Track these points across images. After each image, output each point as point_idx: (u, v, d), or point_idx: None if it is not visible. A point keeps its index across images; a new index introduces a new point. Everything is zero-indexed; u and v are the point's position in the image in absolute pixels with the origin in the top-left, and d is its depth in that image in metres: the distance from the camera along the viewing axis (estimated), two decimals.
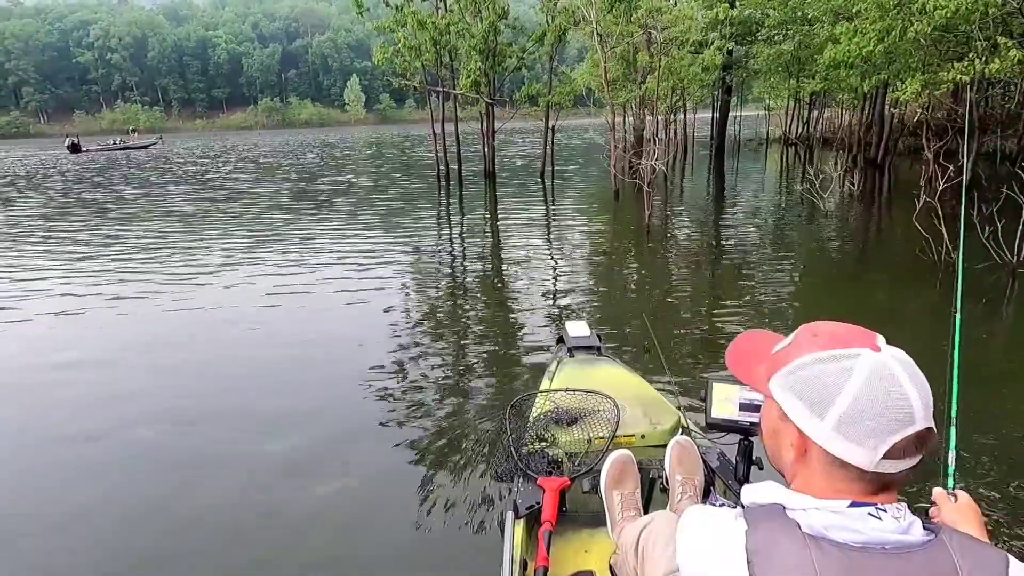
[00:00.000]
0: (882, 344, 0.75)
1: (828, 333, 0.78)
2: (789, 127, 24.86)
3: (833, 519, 0.72)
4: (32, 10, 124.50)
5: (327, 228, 9.89)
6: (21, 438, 3.63)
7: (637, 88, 14.81)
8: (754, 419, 1.54)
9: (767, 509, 0.76)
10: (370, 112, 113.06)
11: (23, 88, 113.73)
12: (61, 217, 12.29)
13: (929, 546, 0.71)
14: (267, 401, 3.87)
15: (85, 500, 2.95)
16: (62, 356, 4.73)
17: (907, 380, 0.71)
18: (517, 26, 15.21)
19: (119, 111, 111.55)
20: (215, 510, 2.83)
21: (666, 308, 5.48)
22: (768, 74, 22.40)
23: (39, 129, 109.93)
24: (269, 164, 25.53)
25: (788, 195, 12.90)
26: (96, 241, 9.36)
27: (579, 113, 16.70)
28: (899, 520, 0.72)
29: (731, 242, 8.04)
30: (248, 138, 62.51)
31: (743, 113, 31.02)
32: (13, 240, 9.77)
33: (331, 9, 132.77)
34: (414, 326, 5.18)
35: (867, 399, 0.71)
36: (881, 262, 7.19)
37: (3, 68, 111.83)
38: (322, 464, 3.12)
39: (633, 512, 1.64)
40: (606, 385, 2.31)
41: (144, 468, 3.21)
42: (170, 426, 3.62)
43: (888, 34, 10.16)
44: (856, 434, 0.72)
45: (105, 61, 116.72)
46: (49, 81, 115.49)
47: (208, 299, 6.14)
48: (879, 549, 0.70)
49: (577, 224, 9.98)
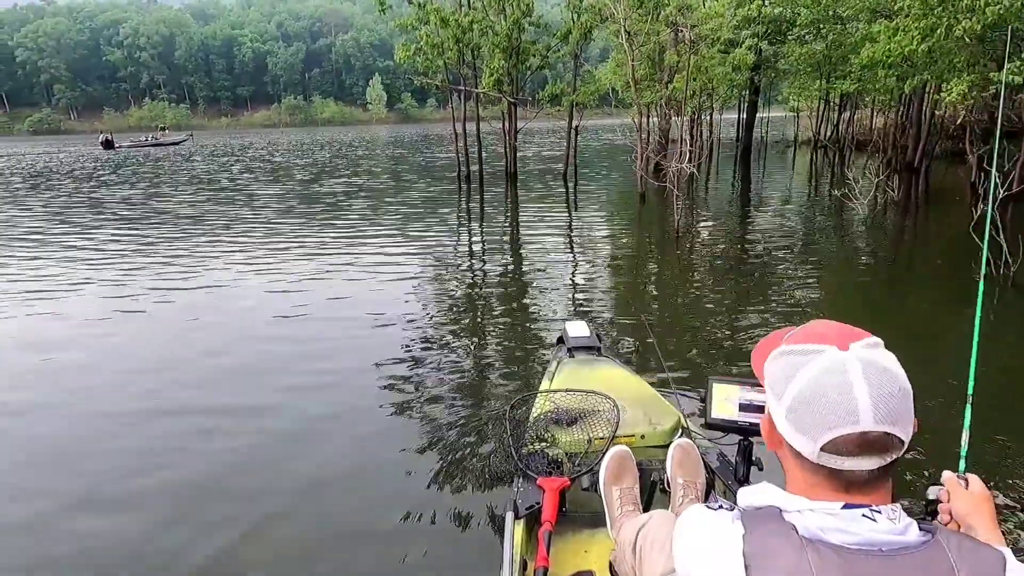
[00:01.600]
0: (858, 345, 0.74)
1: (814, 329, 0.79)
2: (819, 129, 24.17)
3: (828, 521, 0.72)
4: (64, 9, 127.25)
5: (344, 231, 9.68)
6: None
7: (663, 88, 14.43)
8: (754, 419, 1.55)
9: (764, 512, 0.77)
10: (391, 111, 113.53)
11: (55, 85, 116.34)
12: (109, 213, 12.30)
13: (925, 547, 0.71)
14: (267, 400, 3.87)
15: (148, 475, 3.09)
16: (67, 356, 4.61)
17: (860, 380, 0.71)
18: (541, 24, 14.90)
19: (147, 108, 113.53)
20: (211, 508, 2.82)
21: (692, 316, 5.19)
22: (797, 74, 21.84)
23: (70, 126, 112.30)
24: (280, 164, 25.52)
25: (819, 200, 12.42)
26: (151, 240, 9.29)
27: (599, 113, 16.35)
28: (894, 522, 0.72)
29: (759, 248, 7.66)
30: (271, 136, 62.96)
31: (770, 114, 30.34)
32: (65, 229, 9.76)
33: (355, 8, 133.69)
34: (425, 329, 5.05)
35: (811, 391, 0.73)
36: (923, 274, 6.78)
37: (36, 66, 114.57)
38: (322, 463, 3.11)
39: (632, 507, 1.64)
40: (606, 385, 2.30)
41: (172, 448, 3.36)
42: (193, 415, 3.74)
43: (932, 32, 9.67)
44: (800, 423, 0.74)
45: (134, 59, 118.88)
46: (80, 79, 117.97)
47: (227, 284, 6.49)
48: (876, 551, 0.70)
49: (602, 227, 9.65)
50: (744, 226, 9.48)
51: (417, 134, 54.56)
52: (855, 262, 7.20)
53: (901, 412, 0.72)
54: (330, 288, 6.30)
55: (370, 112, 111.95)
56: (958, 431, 1.21)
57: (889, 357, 0.75)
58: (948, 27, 9.38)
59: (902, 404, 0.72)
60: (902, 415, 0.72)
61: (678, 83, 12.90)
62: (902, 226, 9.40)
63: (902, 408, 0.72)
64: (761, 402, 1.29)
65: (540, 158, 23.15)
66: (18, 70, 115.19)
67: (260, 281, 6.68)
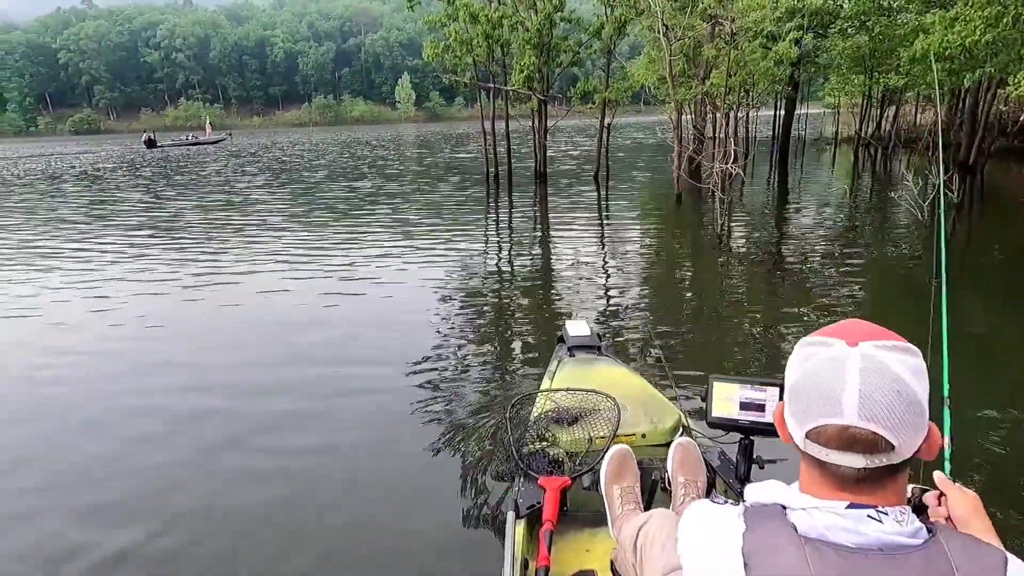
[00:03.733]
0: (869, 344, 0.73)
1: (841, 325, 0.78)
2: (862, 126, 23.17)
3: (833, 520, 0.72)
4: (105, 12, 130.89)
5: (367, 236, 9.40)
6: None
7: (700, 84, 13.84)
8: (754, 418, 1.56)
9: (767, 510, 0.77)
10: (420, 109, 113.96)
11: (95, 86, 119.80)
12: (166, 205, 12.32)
13: (925, 547, 0.70)
14: (269, 400, 3.92)
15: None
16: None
17: (854, 375, 0.71)
18: (573, 19, 14.45)
19: (182, 108, 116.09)
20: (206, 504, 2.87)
21: (737, 327, 4.79)
22: (838, 69, 20.92)
23: (109, 126, 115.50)
24: (292, 165, 25.53)
25: (864, 201, 11.74)
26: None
27: (627, 111, 15.86)
28: (902, 524, 0.71)
29: (803, 250, 7.13)
30: (300, 135, 63.61)
31: (808, 111, 29.29)
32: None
33: (384, 8, 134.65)
34: (445, 331, 4.97)
35: (807, 379, 0.75)
36: (980, 278, 6.19)
37: (77, 68, 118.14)
38: (321, 463, 3.11)
39: (632, 506, 1.63)
40: (606, 385, 2.29)
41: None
42: (216, 397, 3.99)
43: (998, 21, 8.97)
44: (794, 408, 0.77)
45: (170, 60, 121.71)
46: (119, 79, 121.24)
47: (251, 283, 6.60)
48: (876, 551, 0.69)
49: (637, 231, 9.19)
50: (785, 228, 8.90)
51: (444, 133, 54.63)
52: (902, 266, 6.66)
53: (893, 414, 0.70)
54: (351, 292, 6.26)
55: (399, 111, 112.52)
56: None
57: (904, 362, 0.72)
58: (1016, 15, 8.69)
59: (896, 407, 0.70)
60: (894, 418, 0.70)
61: (716, 79, 12.29)
62: (956, 229, 8.73)
63: (895, 411, 0.70)
64: (761, 401, 1.43)
65: (568, 157, 22.68)
66: (60, 72, 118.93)
67: (271, 280, 6.65)
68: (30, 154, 42.74)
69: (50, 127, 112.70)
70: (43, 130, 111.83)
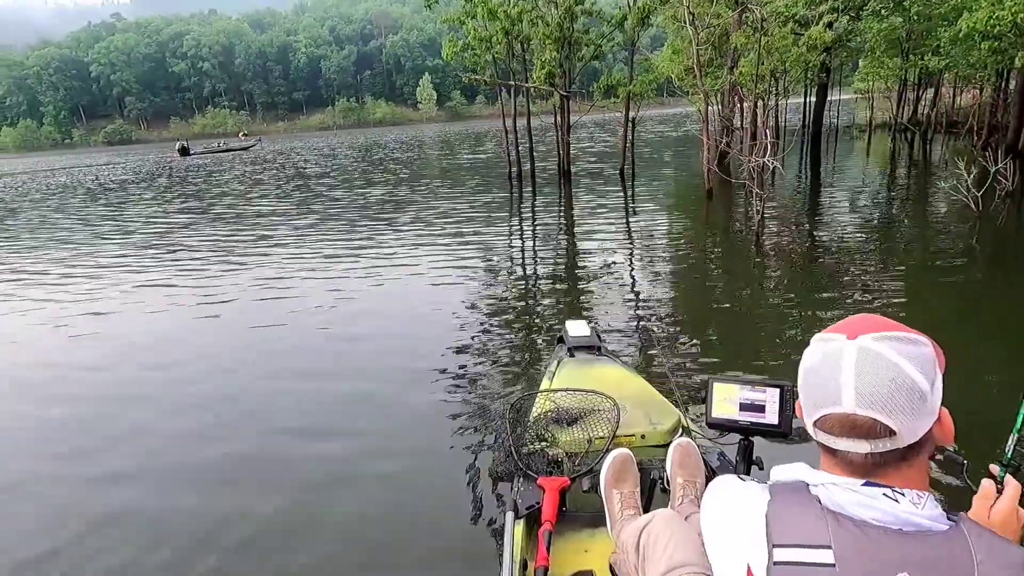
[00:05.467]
0: (868, 336, 0.77)
1: (847, 320, 0.83)
2: (898, 111, 22.25)
3: (850, 496, 0.75)
4: (133, 24, 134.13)
5: (389, 239, 9.20)
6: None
7: (727, 74, 13.33)
8: (754, 419, 1.58)
9: (791, 485, 0.81)
10: (441, 109, 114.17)
11: (126, 98, 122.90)
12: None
13: (946, 532, 0.72)
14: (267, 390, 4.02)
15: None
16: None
17: (851, 366, 0.76)
18: (594, 11, 14.04)
19: (209, 116, 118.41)
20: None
21: (780, 332, 4.35)
22: (873, 52, 20.09)
23: (140, 136, 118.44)
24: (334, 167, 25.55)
25: (903, 189, 11.14)
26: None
27: (648, 103, 15.39)
28: (918, 507, 0.73)
29: (842, 250, 6.67)
30: (326, 139, 64.19)
31: (840, 96, 28.32)
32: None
33: (404, 9, 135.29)
34: (454, 333, 4.87)
35: (810, 373, 0.81)
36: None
37: (108, 80, 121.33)
38: (320, 463, 3.11)
39: (632, 511, 1.64)
40: (606, 385, 2.29)
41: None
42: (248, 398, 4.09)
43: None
44: (803, 399, 0.82)
45: (197, 69, 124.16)
46: (148, 90, 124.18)
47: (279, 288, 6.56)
48: (896, 530, 0.72)
49: (666, 230, 8.80)
50: (822, 222, 8.40)
51: (464, 131, 54.56)
52: (950, 259, 6.17)
53: (891, 401, 0.73)
54: (373, 292, 6.31)
55: (420, 111, 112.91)
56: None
57: (903, 351, 0.76)
58: None
59: (893, 394, 0.73)
60: (892, 405, 0.73)
61: (745, 67, 11.78)
62: (1010, 219, 8.14)
63: (893, 398, 0.73)
64: (761, 402, 1.53)
65: (589, 154, 22.26)
66: (93, 84, 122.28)
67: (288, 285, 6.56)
68: (73, 165, 44.39)
69: (84, 139, 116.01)
70: (77, 141, 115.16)
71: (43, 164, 51.88)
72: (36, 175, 35.82)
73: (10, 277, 8.31)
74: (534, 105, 15.15)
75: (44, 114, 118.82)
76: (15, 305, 6.79)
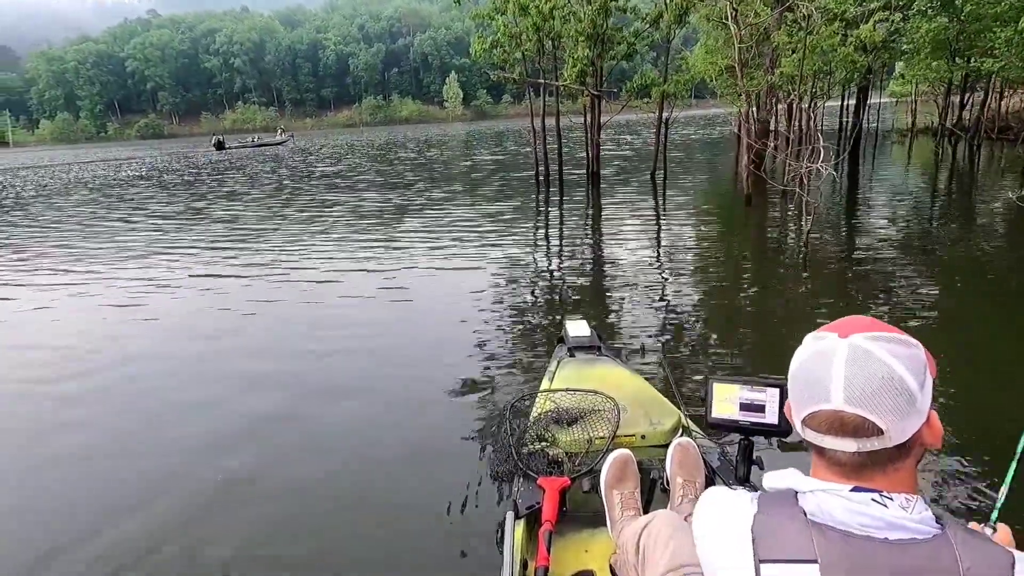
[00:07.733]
0: (860, 335, 0.76)
1: (841, 320, 0.81)
2: (944, 115, 21.30)
3: (839, 502, 0.74)
4: (168, 21, 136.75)
5: (410, 241, 8.85)
6: None
7: (766, 75, 12.72)
8: (754, 419, 1.57)
9: (780, 495, 0.80)
10: (467, 108, 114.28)
11: (159, 92, 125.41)
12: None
13: (932, 540, 0.71)
14: (266, 401, 3.91)
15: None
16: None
17: (841, 363, 0.74)
18: (627, 7, 13.53)
19: (239, 112, 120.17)
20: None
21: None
22: (919, 53, 19.19)
23: (172, 130, 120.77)
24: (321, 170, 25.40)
25: (954, 198, 10.44)
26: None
27: (679, 105, 14.86)
28: (907, 510, 0.72)
29: (893, 260, 6.11)
30: (355, 136, 64.49)
31: (881, 100, 27.33)
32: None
33: (432, 8, 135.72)
34: (460, 334, 4.79)
35: (800, 369, 0.80)
36: None
37: (143, 75, 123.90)
38: (320, 463, 3.08)
39: (633, 512, 1.64)
40: (606, 385, 2.29)
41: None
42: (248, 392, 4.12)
43: None
44: (793, 396, 0.81)
45: (228, 66, 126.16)
46: (181, 86, 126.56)
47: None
48: (881, 540, 0.71)
49: (700, 235, 8.29)
50: (868, 231, 7.79)
51: (491, 130, 54.27)
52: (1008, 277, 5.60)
53: (879, 399, 0.72)
54: (374, 293, 6.15)
55: (447, 110, 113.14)
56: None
57: (893, 351, 0.74)
58: None
59: (881, 392, 0.72)
60: (880, 403, 0.72)
61: (787, 67, 11.16)
62: None
63: (881, 396, 0.72)
64: (761, 402, 1.58)
65: (616, 156, 21.71)
66: (128, 80, 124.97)
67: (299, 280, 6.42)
68: (114, 158, 45.19)
69: (118, 132, 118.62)
70: (112, 135, 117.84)
71: (91, 155, 52.87)
72: (106, 163, 36.88)
73: (80, 268, 8.14)
74: (563, 105, 14.70)
75: (81, 108, 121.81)
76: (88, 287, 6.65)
